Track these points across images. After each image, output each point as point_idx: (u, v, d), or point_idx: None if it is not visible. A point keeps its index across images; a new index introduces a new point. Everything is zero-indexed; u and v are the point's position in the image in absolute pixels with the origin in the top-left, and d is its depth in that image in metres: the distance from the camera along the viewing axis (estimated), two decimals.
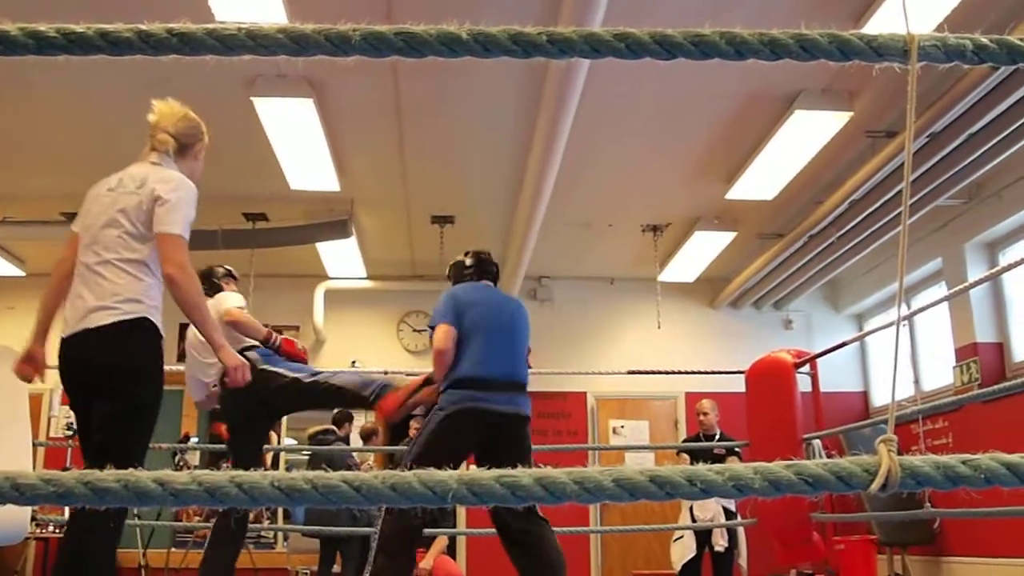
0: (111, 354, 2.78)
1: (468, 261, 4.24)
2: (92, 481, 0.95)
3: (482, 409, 3.83)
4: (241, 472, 0.96)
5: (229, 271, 4.61)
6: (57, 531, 7.91)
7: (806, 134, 6.28)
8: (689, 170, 7.15)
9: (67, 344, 2.82)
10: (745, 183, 7.11)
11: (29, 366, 2.98)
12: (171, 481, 0.95)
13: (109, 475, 0.95)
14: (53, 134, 6.48)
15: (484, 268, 4.23)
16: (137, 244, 2.87)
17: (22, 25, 1.09)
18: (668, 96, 5.97)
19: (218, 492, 0.95)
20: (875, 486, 0.98)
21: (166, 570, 8.18)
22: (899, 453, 0.99)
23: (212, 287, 4.48)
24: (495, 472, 0.97)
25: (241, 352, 3.60)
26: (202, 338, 3.27)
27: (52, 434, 8.95)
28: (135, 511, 8.04)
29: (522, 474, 0.97)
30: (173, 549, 8.44)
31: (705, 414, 7.10)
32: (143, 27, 1.12)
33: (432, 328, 3.95)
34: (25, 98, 5.94)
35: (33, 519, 5.76)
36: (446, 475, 0.98)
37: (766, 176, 6.99)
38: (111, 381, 2.77)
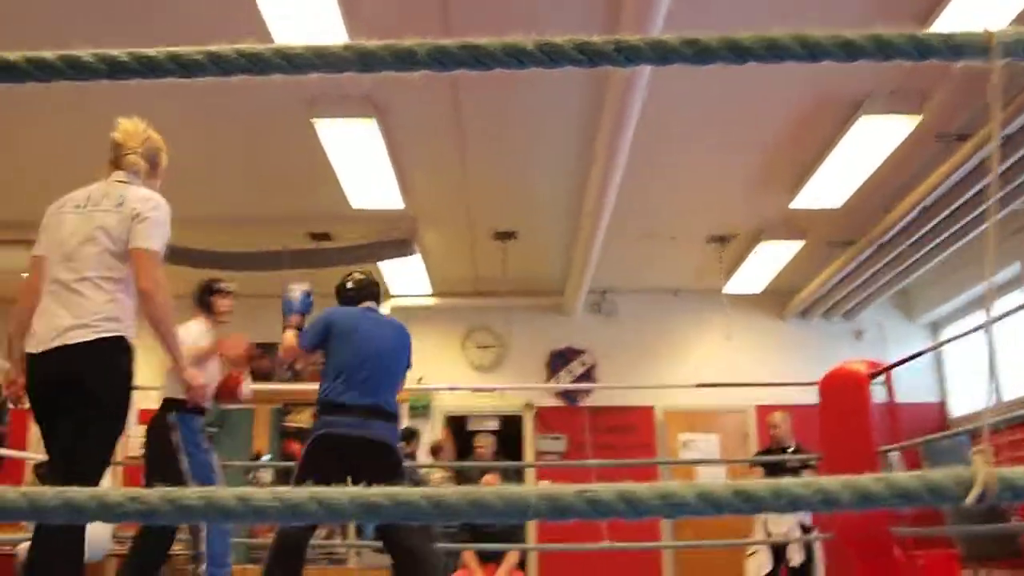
0: (89, 370, 2.80)
1: (349, 284, 4.38)
2: (176, 499, 0.96)
3: (334, 435, 3.91)
4: (322, 489, 0.96)
5: (219, 289, 4.74)
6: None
7: (874, 139, 6.14)
8: (753, 179, 7.06)
9: (41, 359, 2.83)
10: (811, 191, 6.98)
11: (20, 389, 2.97)
12: (252, 498, 0.95)
13: (192, 492, 0.96)
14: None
15: (365, 291, 4.37)
16: (116, 262, 2.92)
17: (95, 51, 1.11)
18: (731, 103, 5.90)
19: (298, 509, 0.95)
20: (971, 498, 0.94)
21: None
22: None
23: (203, 303, 4.63)
24: (576, 487, 0.95)
25: (169, 407, 4.00)
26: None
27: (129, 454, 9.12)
28: None
29: (603, 489, 0.96)
30: (248, 565, 8.55)
31: (776, 427, 6.97)
32: (213, 49, 1.13)
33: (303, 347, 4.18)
34: (87, 120, 6.08)
35: (114, 536, 5.87)
36: (524, 490, 0.97)
37: (833, 183, 6.86)
38: (86, 396, 2.79)
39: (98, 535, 5.30)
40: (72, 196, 3.06)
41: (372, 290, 4.40)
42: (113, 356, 2.86)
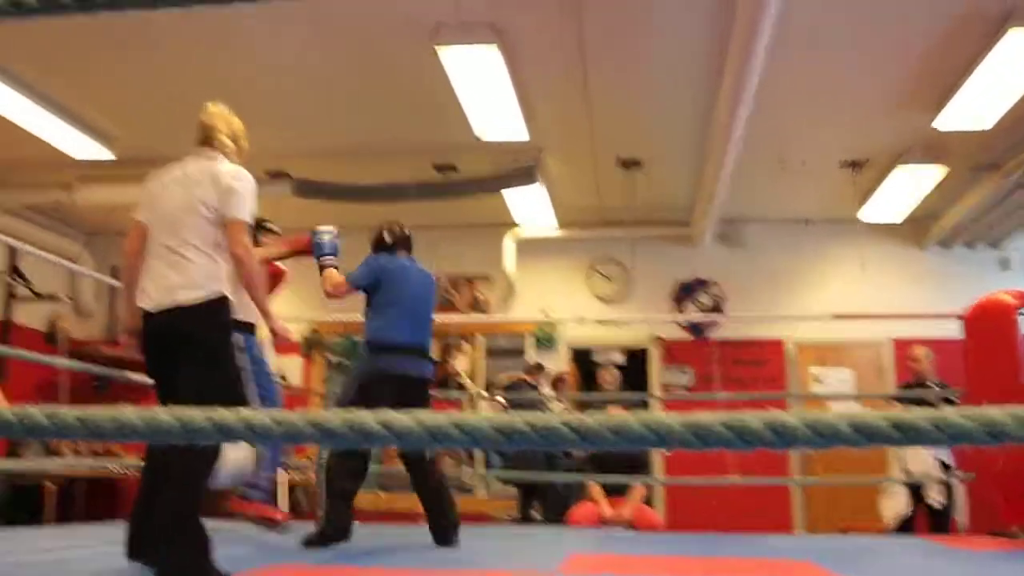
0: (200, 326, 3.23)
1: (387, 236, 4.72)
2: (319, 422, 0.98)
3: (393, 372, 4.39)
4: (460, 414, 0.96)
5: (267, 227, 5.22)
6: (289, 473, 8.46)
7: (1023, 55, 5.74)
8: (892, 99, 6.71)
9: (157, 318, 3.24)
10: (955, 111, 6.57)
11: (137, 339, 3.38)
12: (394, 422, 0.96)
13: (334, 415, 0.98)
14: (254, 90, 6.73)
15: (402, 242, 4.74)
16: (213, 229, 3.29)
17: None
18: (867, 19, 5.60)
19: (439, 433, 0.95)
20: None
21: (375, 512, 8.60)
22: None
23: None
24: (722, 415, 0.92)
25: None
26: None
27: None
28: None
29: (750, 417, 0.92)
30: (380, 492, 8.86)
31: (918, 360, 6.74)
32: None
33: (352, 285, 4.54)
34: (226, 56, 6.23)
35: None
36: (668, 417, 0.94)
37: (980, 103, 6.45)
38: (198, 348, 3.21)
39: (243, 460, 5.54)
40: (170, 169, 3.48)
41: (408, 242, 4.78)
42: (219, 312, 3.26)
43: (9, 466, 7.05)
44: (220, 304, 3.25)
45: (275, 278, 5.14)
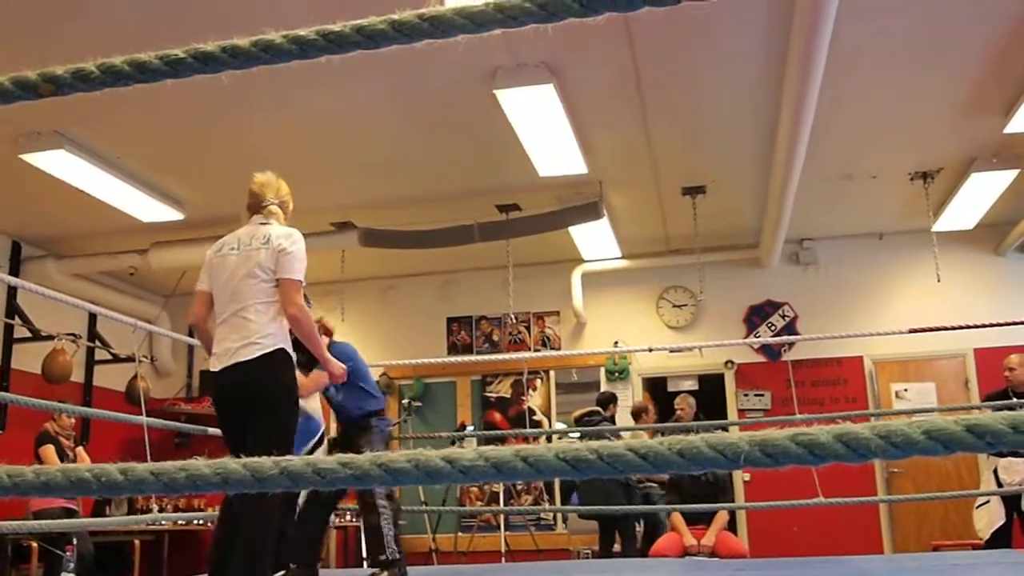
0: (260, 380, 3.45)
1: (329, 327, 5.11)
2: (385, 463, 0.98)
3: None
4: (527, 446, 0.96)
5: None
6: (354, 519, 8.51)
7: None
8: (959, 106, 6.56)
9: (221, 376, 3.50)
10: None
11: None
12: (459, 458, 0.96)
13: (401, 456, 0.98)
14: (318, 147, 6.91)
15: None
16: (269, 289, 3.53)
17: (285, 32, 1.15)
18: (928, 25, 5.49)
19: (504, 467, 0.95)
20: None
21: (455, 553, 8.59)
22: None
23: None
24: (789, 431, 0.90)
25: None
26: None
27: None
28: (422, 499, 8.52)
29: (820, 432, 0.90)
30: (460, 533, 8.85)
31: (1012, 369, 6.53)
32: (395, 17, 1.14)
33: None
34: (289, 116, 6.39)
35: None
36: (736, 437, 0.92)
37: None
38: (262, 399, 3.43)
39: None
40: (226, 240, 3.73)
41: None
42: (277, 365, 3.49)
43: (96, 523, 7.20)
44: (277, 358, 3.48)
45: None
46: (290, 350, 3.56)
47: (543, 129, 6.36)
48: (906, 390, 8.89)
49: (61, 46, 5.00)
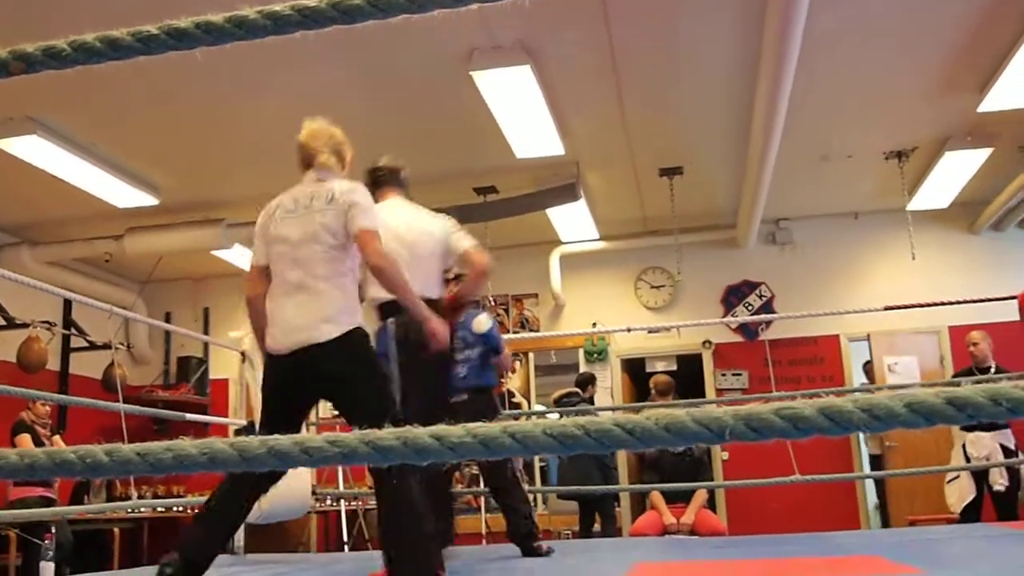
0: (343, 363, 3.05)
1: None
2: (373, 440, 0.98)
3: None
4: (513, 422, 0.96)
5: (387, 172, 4.44)
6: (334, 504, 8.50)
7: None
8: (933, 85, 6.60)
9: (290, 359, 3.07)
10: (1000, 91, 6.44)
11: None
12: (447, 435, 0.96)
13: (388, 434, 0.98)
14: (293, 130, 6.81)
15: None
16: (339, 255, 3.12)
17: (260, 8, 1.13)
18: (901, 5, 5.52)
19: (492, 443, 0.95)
20: None
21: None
22: None
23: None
24: (773, 405, 0.91)
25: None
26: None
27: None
28: None
29: (804, 406, 0.91)
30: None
31: (976, 344, 6.61)
32: None
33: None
34: (265, 99, 6.33)
35: (313, 493, 6.20)
36: (721, 411, 0.93)
37: None
38: (348, 386, 3.07)
39: (299, 493, 5.61)
40: (281, 202, 3.30)
41: None
42: (359, 346, 3.10)
43: (75, 511, 7.16)
44: (357, 337, 3.10)
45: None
46: (366, 328, 3.15)
47: (520, 111, 6.35)
48: (896, 363, 8.93)
49: (35, 28, 4.92)
